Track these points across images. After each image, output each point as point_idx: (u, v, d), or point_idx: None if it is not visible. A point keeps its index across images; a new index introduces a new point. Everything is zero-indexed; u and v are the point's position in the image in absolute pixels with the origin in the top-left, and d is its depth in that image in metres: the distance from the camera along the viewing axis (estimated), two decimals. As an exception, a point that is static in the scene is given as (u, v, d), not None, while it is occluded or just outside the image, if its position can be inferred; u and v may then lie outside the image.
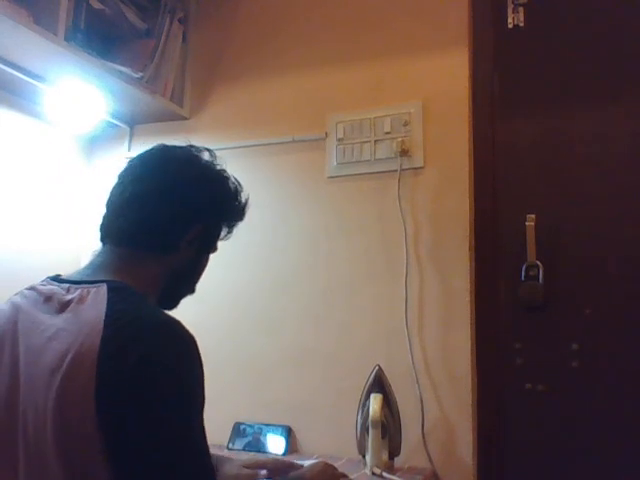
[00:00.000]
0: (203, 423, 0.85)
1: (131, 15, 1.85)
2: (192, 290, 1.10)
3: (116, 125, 2.06)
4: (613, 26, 1.65)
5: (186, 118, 2.04)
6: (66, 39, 1.58)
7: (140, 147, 1.12)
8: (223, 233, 1.09)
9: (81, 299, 0.87)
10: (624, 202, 1.59)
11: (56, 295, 0.90)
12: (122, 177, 1.02)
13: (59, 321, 0.85)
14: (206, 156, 1.06)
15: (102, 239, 1.01)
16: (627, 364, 1.54)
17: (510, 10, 1.74)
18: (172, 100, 1.98)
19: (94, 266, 0.97)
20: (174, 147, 1.05)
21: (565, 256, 1.61)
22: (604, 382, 1.55)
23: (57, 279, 0.95)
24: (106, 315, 0.82)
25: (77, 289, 0.89)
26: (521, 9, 1.73)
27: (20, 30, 1.47)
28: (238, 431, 1.77)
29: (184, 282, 1.06)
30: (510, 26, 1.74)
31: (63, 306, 0.87)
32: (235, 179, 1.09)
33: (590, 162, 1.63)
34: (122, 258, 0.97)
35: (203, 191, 1.02)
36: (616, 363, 1.54)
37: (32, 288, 0.94)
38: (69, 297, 0.88)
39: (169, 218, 0.98)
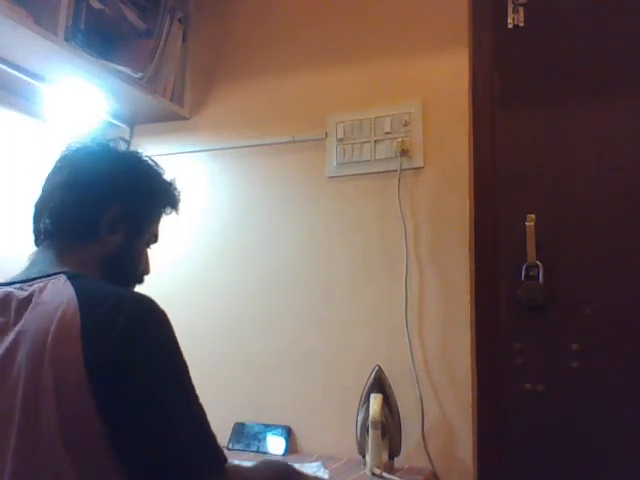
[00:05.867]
0: (195, 390, 0.87)
1: (131, 15, 1.85)
2: (137, 279, 1.09)
3: (116, 125, 2.05)
4: (613, 26, 1.65)
5: (186, 118, 2.04)
6: (66, 39, 1.58)
7: (140, 147, 1.12)
8: (154, 217, 1.08)
9: (41, 290, 0.87)
10: (624, 202, 1.59)
11: (12, 294, 0.89)
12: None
13: (25, 314, 0.85)
14: (122, 145, 1.07)
15: (35, 241, 1.02)
16: (627, 364, 1.54)
17: (510, 10, 1.74)
18: (172, 100, 1.98)
19: (36, 264, 0.97)
20: (88, 141, 1.06)
21: (565, 256, 1.61)
22: (604, 382, 1.55)
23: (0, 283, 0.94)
24: (77, 295, 0.83)
25: (31, 285, 0.89)
26: (521, 9, 1.73)
27: (20, 30, 1.47)
28: (238, 431, 1.77)
29: (121, 269, 1.04)
30: (510, 26, 1.74)
31: (24, 301, 0.87)
32: (155, 162, 1.08)
33: (590, 162, 1.63)
34: (58, 251, 0.98)
35: (112, 172, 1.02)
36: (616, 363, 1.54)
37: None
38: (27, 292, 0.88)
39: (79, 202, 0.99)
